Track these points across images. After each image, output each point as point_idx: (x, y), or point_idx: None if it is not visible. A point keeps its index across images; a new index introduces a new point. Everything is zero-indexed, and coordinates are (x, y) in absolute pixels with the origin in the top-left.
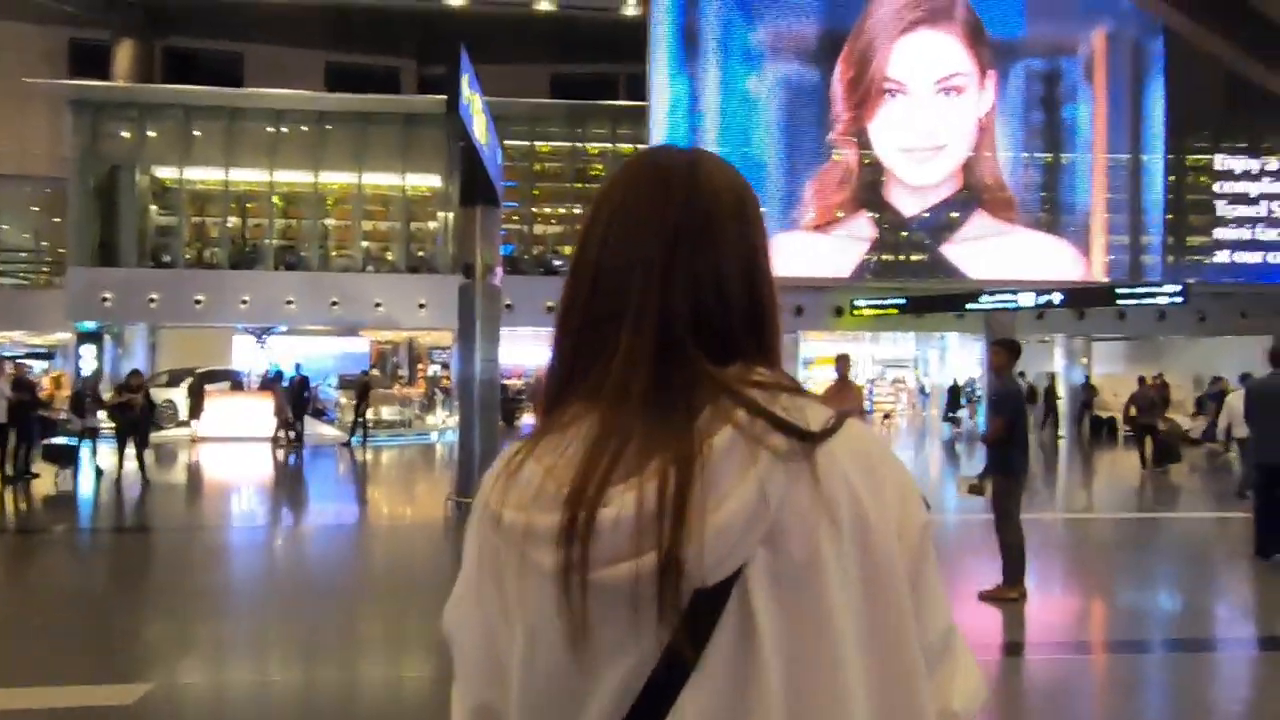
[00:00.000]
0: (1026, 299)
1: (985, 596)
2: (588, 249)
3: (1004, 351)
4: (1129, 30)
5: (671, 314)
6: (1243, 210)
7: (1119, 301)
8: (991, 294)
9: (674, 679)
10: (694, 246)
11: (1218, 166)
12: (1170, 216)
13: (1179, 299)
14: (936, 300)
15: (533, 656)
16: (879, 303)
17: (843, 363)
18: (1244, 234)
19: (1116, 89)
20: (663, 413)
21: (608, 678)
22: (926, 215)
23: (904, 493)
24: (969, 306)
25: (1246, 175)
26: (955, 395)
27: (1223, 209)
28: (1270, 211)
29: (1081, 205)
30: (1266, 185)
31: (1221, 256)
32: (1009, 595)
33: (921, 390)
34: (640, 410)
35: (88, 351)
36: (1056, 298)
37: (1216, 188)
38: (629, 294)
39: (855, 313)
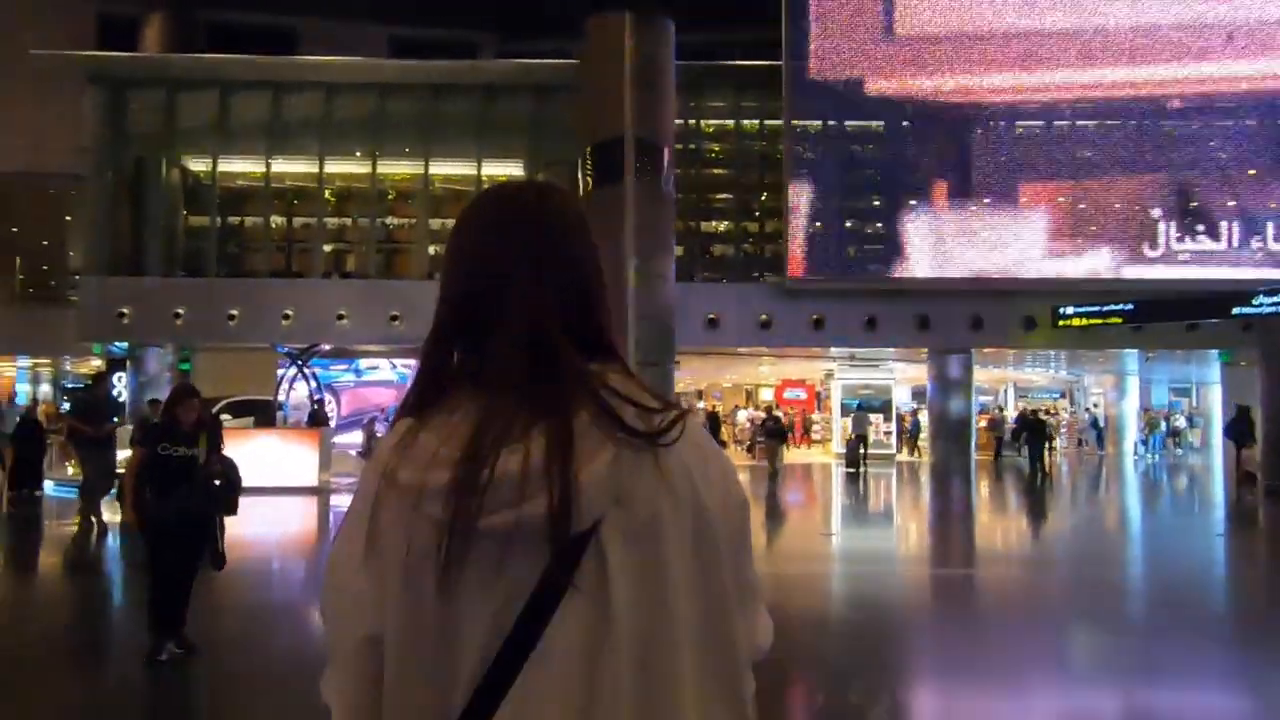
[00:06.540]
0: None
1: None
2: (458, 270)
3: None
4: None
5: (542, 318)
6: None
7: None
8: (1274, 293)
9: (549, 602)
10: (554, 263)
11: None
12: None
13: None
14: (1180, 304)
15: (408, 597)
16: (1096, 309)
17: None
18: None
19: None
20: (539, 396)
21: (472, 615)
22: None
23: (726, 477)
24: (1239, 310)
25: None
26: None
27: None
28: None
29: None
30: None
31: None
32: None
33: (1094, 424)
34: (519, 395)
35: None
36: None
37: None
38: (505, 305)
39: (1062, 323)
